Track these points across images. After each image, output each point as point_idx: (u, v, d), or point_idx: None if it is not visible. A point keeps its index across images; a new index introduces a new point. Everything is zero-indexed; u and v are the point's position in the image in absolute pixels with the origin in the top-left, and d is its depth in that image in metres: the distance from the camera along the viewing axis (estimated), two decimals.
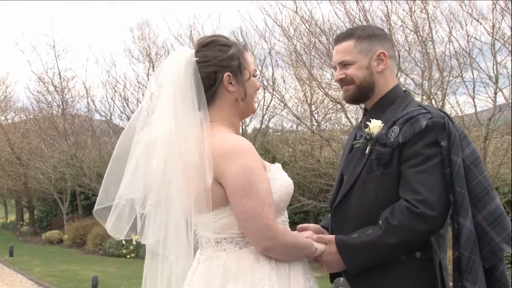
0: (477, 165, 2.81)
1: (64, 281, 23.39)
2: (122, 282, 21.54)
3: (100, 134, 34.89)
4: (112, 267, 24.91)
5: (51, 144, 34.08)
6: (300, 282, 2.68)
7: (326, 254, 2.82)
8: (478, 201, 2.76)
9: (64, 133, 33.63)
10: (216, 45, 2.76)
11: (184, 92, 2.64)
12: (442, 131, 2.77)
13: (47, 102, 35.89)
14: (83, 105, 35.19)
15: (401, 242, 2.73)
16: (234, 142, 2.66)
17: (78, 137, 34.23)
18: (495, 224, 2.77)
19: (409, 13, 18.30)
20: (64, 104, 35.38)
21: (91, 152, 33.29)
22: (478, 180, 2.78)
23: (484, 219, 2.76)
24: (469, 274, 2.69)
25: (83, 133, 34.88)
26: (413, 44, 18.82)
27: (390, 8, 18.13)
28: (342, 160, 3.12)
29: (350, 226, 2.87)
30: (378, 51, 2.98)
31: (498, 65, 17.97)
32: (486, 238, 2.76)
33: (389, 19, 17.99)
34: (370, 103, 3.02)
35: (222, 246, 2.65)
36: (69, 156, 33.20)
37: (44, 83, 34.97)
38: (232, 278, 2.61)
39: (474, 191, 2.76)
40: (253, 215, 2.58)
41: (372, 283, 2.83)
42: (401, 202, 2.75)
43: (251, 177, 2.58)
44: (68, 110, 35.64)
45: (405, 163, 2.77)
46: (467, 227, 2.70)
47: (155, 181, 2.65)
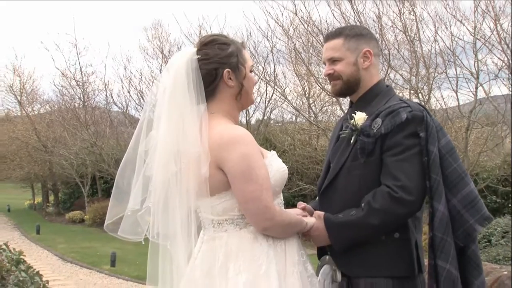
0: (452, 154, 2.83)
1: (85, 256, 23.41)
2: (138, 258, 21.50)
3: (117, 124, 34.81)
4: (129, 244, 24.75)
5: (73, 133, 34.22)
6: (295, 257, 2.70)
7: (314, 229, 2.83)
8: (453, 186, 2.78)
9: (85, 123, 33.73)
10: (216, 44, 2.76)
11: (184, 88, 2.65)
12: (420, 123, 2.79)
13: (69, 95, 36.02)
14: (102, 98, 35.36)
15: (381, 223, 2.75)
16: (234, 132, 2.66)
17: (97, 127, 34.25)
18: (469, 207, 2.79)
19: (399, 15, 18.37)
20: (85, 97, 35.53)
21: (109, 140, 33.25)
22: (453, 168, 2.80)
23: (459, 202, 2.78)
24: (441, 252, 2.71)
25: (102, 123, 34.87)
26: (402, 43, 18.85)
27: (381, 10, 18.25)
28: (330, 149, 3.13)
29: (336, 208, 2.89)
30: (364, 49, 2.99)
31: (479, 62, 18.26)
32: (461, 220, 2.77)
33: (380, 20, 18.07)
34: (356, 96, 3.04)
35: (223, 227, 2.67)
36: (90, 144, 33.27)
37: (67, 78, 35.06)
38: (233, 256, 2.63)
39: (450, 177, 2.78)
40: (253, 199, 2.60)
41: (354, 261, 2.84)
42: (382, 187, 2.77)
43: (250, 164, 2.60)
44: (89, 102, 35.78)
45: (387, 152, 2.80)
46: (440, 211, 2.73)
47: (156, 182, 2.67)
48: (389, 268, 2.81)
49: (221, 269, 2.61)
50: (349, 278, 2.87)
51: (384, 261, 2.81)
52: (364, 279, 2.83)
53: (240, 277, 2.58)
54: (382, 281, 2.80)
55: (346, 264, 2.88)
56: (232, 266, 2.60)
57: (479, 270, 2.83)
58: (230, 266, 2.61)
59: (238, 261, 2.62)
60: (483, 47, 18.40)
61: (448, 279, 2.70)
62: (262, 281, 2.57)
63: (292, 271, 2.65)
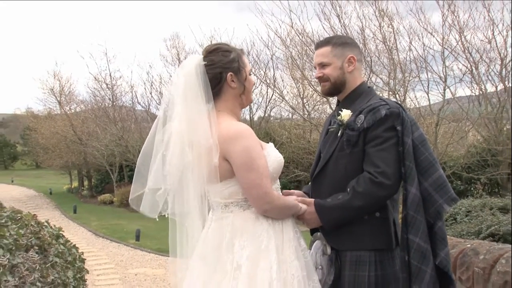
0: (424, 145, 2.83)
1: (114, 232, 23.47)
2: (159, 234, 21.51)
3: (141, 120, 35.19)
4: (151, 222, 24.83)
5: (103, 128, 34.57)
6: (291, 234, 2.70)
7: (307, 213, 2.83)
8: (424, 172, 2.78)
9: (114, 120, 34.20)
10: (220, 51, 2.75)
11: (194, 90, 2.65)
12: (397, 118, 2.79)
13: (100, 96, 36.55)
14: (128, 98, 35.92)
15: (365, 205, 2.76)
16: (237, 127, 2.66)
17: (124, 123, 34.64)
18: (438, 189, 2.79)
19: (379, 28, 18.68)
20: (113, 98, 35.97)
21: (134, 134, 33.46)
22: (425, 156, 2.80)
23: (429, 185, 2.78)
24: (412, 228, 2.72)
25: (128, 120, 35.28)
26: (381, 52, 19.07)
27: (364, 23, 18.53)
28: (320, 141, 3.13)
29: (325, 192, 2.89)
30: (349, 56, 2.98)
31: (447, 68, 18.66)
32: (431, 200, 2.77)
33: (363, 32, 18.43)
34: (342, 96, 3.03)
35: (229, 209, 2.67)
36: (117, 138, 33.50)
37: (99, 81, 35.63)
38: (238, 233, 2.63)
39: (422, 164, 2.78)
40: (254, 185, 2.61)
41: (342, 237, 2.84)
42: (365, 173, 2.77)
43: (251, 155, 2.59)
44: (117, 102, 36.27)
45: (369, 143, 2.79)
46: (412, 193, 2.73)
47: (173, 167, 2.66)
48: (371, 242, 2.81)
49: (228, 244, 2.61)
50: (338, 251, 2.86)
51: (367, 236, 2.81)
52: (350, 252, 2.83)
53: (244, 251, 2.58)
54: (366, 253, 2.80)
55: (335, 240, 2.87)
56: (237, 241, 2.61)
57: (445, 243, 2.83)
58: (236, 241, 2.61)
59: (242, 238, 2.62)
60: (450, 55, 18.78)
61: (417, 251, 2.70)
62: (263, 254, 2.57)
63: (288, 245, 2.65)
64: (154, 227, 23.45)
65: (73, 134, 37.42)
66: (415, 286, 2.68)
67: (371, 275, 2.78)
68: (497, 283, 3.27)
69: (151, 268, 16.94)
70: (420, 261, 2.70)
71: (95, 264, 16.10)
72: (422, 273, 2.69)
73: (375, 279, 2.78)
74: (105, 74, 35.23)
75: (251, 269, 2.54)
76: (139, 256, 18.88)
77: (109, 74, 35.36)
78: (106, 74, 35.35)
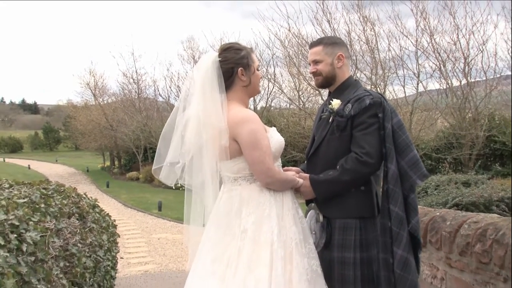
0: (401, 129, 2.81)
1: (140, 203, 23.55)
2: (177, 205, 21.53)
3: (162, 110, 35.55)
4: (171, 195, 25.00)
5: (130, 117, 34.88)
6: (290, 203, 2.69)
7: (303, 187, 2.82)
8: (401, 152, 2.76)
9: (139, 110, 34.59)
10: (232, 49, 2.73)
11: (210, 81, 2.64)
12: (379, 107, 2.76)
13: (128, 89, 37.04)
14: (151, 91, 36.54)
15: (352, 180, 2.75)
16: (245, 113, 2.65)
17: (148, 112, 35.04)
18: (413, 167, 2.77)
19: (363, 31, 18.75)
20: (139, 91, 36.39)
21: (156, 121, 33.69)
22: (402, 139, 2.78)
23: (405, 163, 2.76)
24: (392, 199, 2.70)
25: (151, 110, 35.63)
26: (365, 52, 19.20)
27: (350, 27, 18.71)
28: (314, 126, 3.10)
29: (318, 169, 2.87)
30: (338, 53, 2.95)
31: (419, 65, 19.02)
32: (406, 176, 2.76)
33: (349, 35, 18.73)
34: (333, 88, 2.99)
35: (238, 182, 2.66)
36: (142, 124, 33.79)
37: (127, 77, 36.15)
38: (245, 202, 2.63)
39: (399, 145, 2.76)
40: (259, 162, 2.59)
41: (332, 207, 2.83)
42: (352, 153, 2.75)
43: (256, 137, 2.58)
44: (141, 94, 36.63)
45: (355, 128, 2.77)
46: (392, 169, 2.71)
47: (190, 145, 2.65)
48: (357, 211, 2.80)
49: (236, 212, 2.61)
50: (328, 219, 2.85)
51: (353, 206, 2.80)
52: (339, 219, 2.82)
53: (250, 217, 2.58)
54: (352, 220, 2.79)
55: (326, 209, 2.86)
56: (244, 209, 2.60)
57: (416, 212, 2.82)
58: (243, 209, 2.61)
59: (248, 206, 2.62)
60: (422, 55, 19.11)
61: (396, 218, 2.70)
62: (266, 220, 2.57)
63: (288, 214, 2.64)
64: (173, 199, 23.54)
65: (105, 121, 37.69)
66: (395, 247, 2.68)
67: (356, 238, 2.77)
68: (460, 244, 3.28)
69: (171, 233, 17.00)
70: (399, 227, 2.70)
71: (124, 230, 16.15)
72: (400, 236, 2.69)
73: (359, 242, 2.77)
74: (132, 71, 35.90)
75: (255, 232, 2.54)
76: (161, 223, 18.96)
77: (135, 70, 36.08)
78: (132, 71, 35.97)
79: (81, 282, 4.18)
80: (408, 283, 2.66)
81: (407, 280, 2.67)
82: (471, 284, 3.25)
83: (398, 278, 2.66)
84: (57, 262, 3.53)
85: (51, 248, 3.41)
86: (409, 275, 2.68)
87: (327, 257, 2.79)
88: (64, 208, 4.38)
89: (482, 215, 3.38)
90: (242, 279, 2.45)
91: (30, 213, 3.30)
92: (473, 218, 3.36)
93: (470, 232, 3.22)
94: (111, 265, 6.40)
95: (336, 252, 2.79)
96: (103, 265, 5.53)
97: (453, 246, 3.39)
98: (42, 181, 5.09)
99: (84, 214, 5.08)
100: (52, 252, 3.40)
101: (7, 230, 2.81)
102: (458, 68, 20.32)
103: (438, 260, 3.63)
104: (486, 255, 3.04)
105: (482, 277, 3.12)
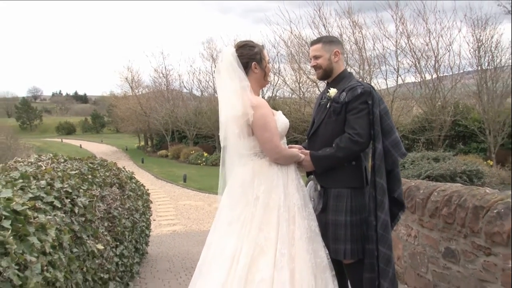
0: (387, 114, 2.76)
1: (169, 176, 23.70)
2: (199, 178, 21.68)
3: (186, 99, 36.07)
4: (193, 170, 25.18)
5: (160, 105, 35.33)
6: (293, 175, 2.65)
7: (304, 161, 2.79)
8: (386, 133, 2.72)
9: (167, 99, 34.96)
10: (247, 46, 2.68)
11: (232, 72, 2.60)
12: (369, 95, 2.71)
13: (158, 82, 37.75)
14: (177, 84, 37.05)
15: (345, 156, 2.71)
16: (257, 100, 2.60)
17: (174, 101, 35.35)
18: (395, 147, 2.73)
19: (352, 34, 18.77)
20: (167, 83, 36.93)
21: (181, 109, 34.16)
22: (387, 123, 2.73)
23: (389, 144, 2.72)
24: (378, 172, 2.67)
25: (177, 99, 36.04)
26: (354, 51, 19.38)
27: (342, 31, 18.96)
28: (314, 110, 3.05)
29: (318, 146, 2.83)
30: (335, 50, 2.89)
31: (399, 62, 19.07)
32: (390, 154, 2.72)
33: (341, 37, 19.06)
34: (330, 79, 2.93)
35: (251, 158, 2.62)
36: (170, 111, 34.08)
37: (157, 72, 36.84)
38: (257, 174, 2.59)
39: (385, 128, 2.72)
40: (268, 141, 2.56)
41: (328, 178, 2.80)
42: (346, 134, 2.71)
43: (266, 120, 2.55)
44: (169, 87, 37.13)
45: (349, 113, 2.72)
46: (379, 148, 2.67)
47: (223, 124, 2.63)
48: (349, 182, 2.77)
49: (249, 182, 2.58)
50: (325, 188, 2.82)
51: (346, 178, 2.77)
52: (334, 189, 2.79)
53: (261, 186, 2.55)
54: (344, 190, 2.76)
55: (323, 180, 2.83)
56: (256, 180, 2.57)
57: (400, 183, 2.80)
58: (255, 180, 2.57)
59: (260, 178, 2.58)
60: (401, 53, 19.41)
61: (381, 188, 2.66)
62: (274, 189, 2.55)
63: (292, 183, 2.61)
64: (195, 173, 23.75)
65: (140, 109, 37.98)
66: (379, 212, 2.65)
67: (348, 204, 2.75)
68: (431, 208, 3.30)
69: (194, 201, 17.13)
70: (382, 195, 2.67)
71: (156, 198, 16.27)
72: (384, 204, 2.66)
73: (350, 208, 2.75)
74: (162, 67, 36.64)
75: (266, 199, 2.52)
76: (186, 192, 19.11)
77: (164, 67, 36.80)
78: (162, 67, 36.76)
79: (121, 239, 4.21)
80: (388, 241, 2.66)
81: (387, 239, 2.66)
82: (438, 240, 3.26)
83: (381, 237, 2.65)
84: (102, 222, 3.54)
85: (97, 211, 3.42)
86: (389, 235, 2.67)
87: (323, 220, 2.77)
88: (107, 179, 4.39)
89: (448, 185, 3.37)
90: (254, 237, 2.44)
91: (80, 182, 3.31)
92: (441, 187, 3.35)
93: (439, 198, 3.22)
94: (145, 226, 6.45)
95: (330, 215, 2.77)
96: (139, 226, 5.56)
97: (425, 210, 3.39)
98: (89, 157, 5.10)
99: (123, 184, 5.09)
100: (98, 214, 3.41)
101: (63, 196, 2.83)
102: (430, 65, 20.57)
103: (413, 221, 3.62)
104: (451, 217, 3.05)
105: (447, 235, 3.14)
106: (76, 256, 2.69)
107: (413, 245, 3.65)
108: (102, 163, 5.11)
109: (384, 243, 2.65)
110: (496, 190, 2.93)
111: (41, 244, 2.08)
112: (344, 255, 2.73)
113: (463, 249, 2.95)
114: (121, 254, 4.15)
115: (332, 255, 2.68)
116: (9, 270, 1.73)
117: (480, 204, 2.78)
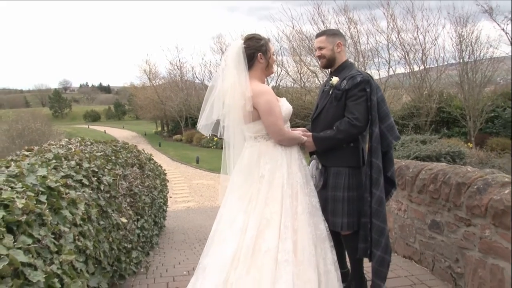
0: (383, 101, 2.71)
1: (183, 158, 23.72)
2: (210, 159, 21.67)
3: (198, 89, 35.91)
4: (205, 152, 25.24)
5: (175, 94, 35.22)
6: (296, 155, 2.62)
7: (307, 142, 2.76)
8: (382, 118, 2.68)
9: (181, 89, 34.74)
10: (254, 39, 2.62)
11: (238, 63, 2.54)
12: (367, 83, 2.66)
13: (173, 74, 37.58)
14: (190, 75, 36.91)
15: (344, 138, 2.68)
16: (262, 87, 2.56)
17: (188, 91, 35.23)
18: (390, 131, 2.69)
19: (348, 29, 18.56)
20: (181, 75, 36.82)
21: (194, 98, 34.01)
22: (383, 109, 2.69)
23: (384, 128, 2.68)
24: (375, 153, 2.63)
25: (190, 89, 35.90)
26: (350, 45, 19.26)
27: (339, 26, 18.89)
28: (318, 96, 3.00)
29: (320, 129, 2.79)
30: (337, 41, 2.83)
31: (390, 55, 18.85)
32: (385, 137, 2.68)
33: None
34: (333, 68, 2.87)
35: (257, 140, 2.59)
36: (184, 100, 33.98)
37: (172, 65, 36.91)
38: (262, 154, 2.56)
39: (381, 114, 2.67)
40: (272, 125, 2.53)
41: (328, 157, 2.77)
42: (345, 118, 2.67)
43: (271, 105, 2.51)
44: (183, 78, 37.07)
45: (348, 99, 2.67)
46: (376, 132, 2.63)
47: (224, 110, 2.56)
48: (347, 162, 2.74)
49: (256, 162, 2.55)
50: (326, 166, 2.80)
51: (344, 157, 2.74)
52: (333, 167, 2.76)
53: (266, 166, 2.53)
54: (343, 169, 2.73)
55: (324, 159, 2.80)
56: (262, 160, 2.55)
57: (393, 163, 2.76)
58: (261, 160, 2.55)
59: (265, 157, 2.56)
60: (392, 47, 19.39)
61: (377, 168, 2.63)
62: (278, 168, 2.52)
63: (294, 163, 2.59)
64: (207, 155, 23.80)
65: (157, 98, 37.95)
66: (374, 189, 2.63)
67: (345, 182, 2.73)
68: (419, 185, 3.28)
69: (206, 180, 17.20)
70: (378, 174, 2.64)
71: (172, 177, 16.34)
72: (379, 182, 2.63)
73: (348, 185, 2.73)
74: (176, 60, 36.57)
75: (270, 177, 2.50)
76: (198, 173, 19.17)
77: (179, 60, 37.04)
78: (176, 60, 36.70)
79: (142, 213, 4.24)
80: (382, 215, 2.64)
81: (381, 213, 2.65)
82: (425, 213, 3.27)
83: (375, 211, 2.64)
84: (125, 198, 3.56)
85: (120, 188, 3.43)
86: (383, 209, 2.66)
87: (324, 195, 2.75)
88: (128, 160, 4.40)
89: (434, 164, 3.36)
90: (260, 212, 2.44)
91: (105, 163, 3.32)
92: (428, 166, 3.34)
93: (426, 176, 3.21)
94: (163, 202, 6.49)
95: (330, 192, 2.75)
96: (157, 202, 5.60)
97: (413, 187, 3.39)
98: (113, 141, 5.11)
99: (142, 164, 5.11)
100: (121, 191, 3.42)
101: (90, 174, 2.84)
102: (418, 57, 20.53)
103: (403, 197, 3.61)
104: (437, 193, 3.06)
105: (433, 208, 3.14)
106: (103, 227, 2.72)
107: (402, 218, 3.65)
108: (124, 146, 5.12)
109: (378, 217, 2.64)
110: (476, 169, 2.94)
111: (72, 217, 2.13)
112: (342, 227, 2.73)
113: (447, 221, 2.97)
114: (142, 226, 4.18)
115: (331, 227, 2.68)
116: (47, 238, 1.78)
117: (463, 181, 2.79)
